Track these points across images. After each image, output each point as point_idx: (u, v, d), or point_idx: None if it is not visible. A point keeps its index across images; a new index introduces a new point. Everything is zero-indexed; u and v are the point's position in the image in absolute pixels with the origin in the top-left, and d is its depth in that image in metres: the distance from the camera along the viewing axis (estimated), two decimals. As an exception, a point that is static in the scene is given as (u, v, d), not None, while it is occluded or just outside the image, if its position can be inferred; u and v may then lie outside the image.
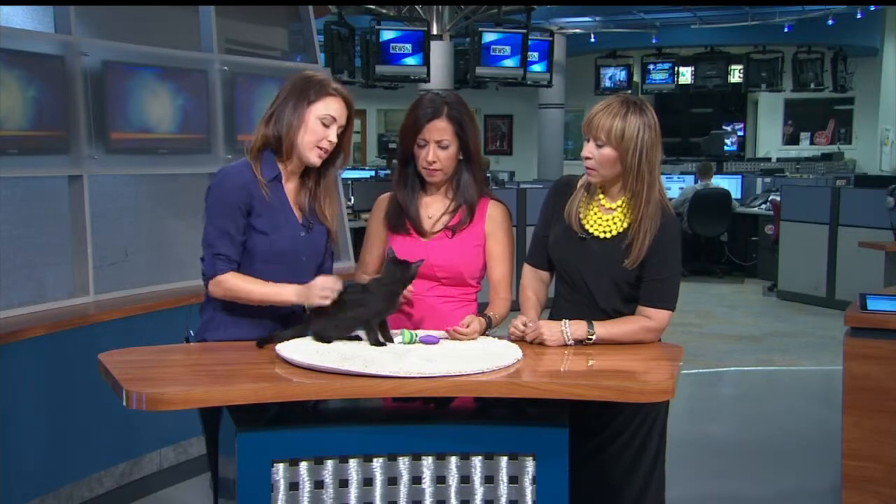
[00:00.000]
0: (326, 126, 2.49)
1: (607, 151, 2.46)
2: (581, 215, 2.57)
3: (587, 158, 2.50)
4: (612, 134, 2.44)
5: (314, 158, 2.51)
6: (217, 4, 4.62)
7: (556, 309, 2.65)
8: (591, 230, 2.55)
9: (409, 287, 2.49)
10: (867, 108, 15.36)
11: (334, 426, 2.19)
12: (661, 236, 2.49)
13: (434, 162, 2.63)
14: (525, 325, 2.49)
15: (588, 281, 2.55)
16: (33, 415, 3.47)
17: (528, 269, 2.71)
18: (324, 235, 2.62)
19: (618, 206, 2.54)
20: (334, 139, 2.52)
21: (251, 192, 2.47)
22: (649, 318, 2.51)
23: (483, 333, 2.49)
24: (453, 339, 2.44)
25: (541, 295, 2.68)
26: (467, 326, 2.44)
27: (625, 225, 2.52)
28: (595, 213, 2.56)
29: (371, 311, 2.37)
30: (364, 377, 2.08)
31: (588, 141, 2.50)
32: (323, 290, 2.38)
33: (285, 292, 2.45)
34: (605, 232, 2.54)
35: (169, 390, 2.07)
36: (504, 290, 2.68)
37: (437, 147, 2.62)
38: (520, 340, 2.47)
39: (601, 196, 2.57)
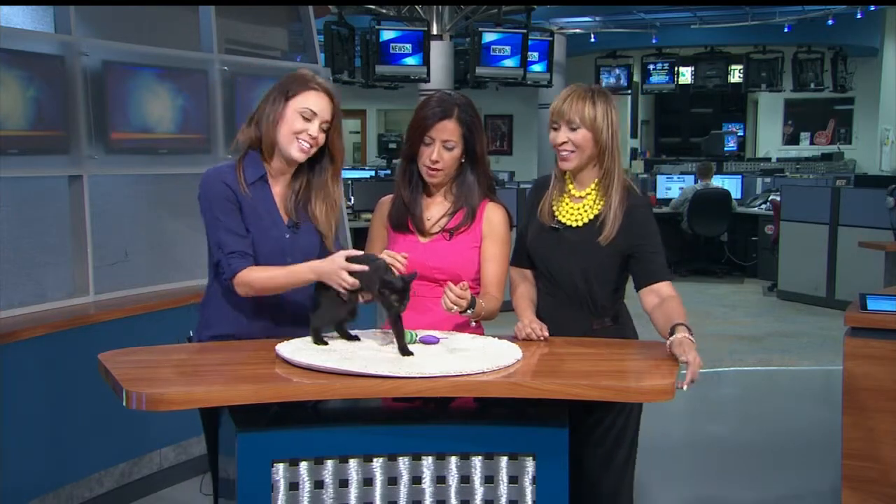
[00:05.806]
0: (307, 119, 2.46)
1: (583, 133, 2.54)
2: (553, 207, 2.64)
3: (563, 143, 2.55)
4: (585, 116, 2.52)
5: (295, 152, 2.48)
6: (217, 4, 4.62)
7: (538, 305, 2.67)
8: (563, 220, 2.61)
9: (400, 259, 2.39)
10: (867, 108, 15.36)
11: (334, 426, 2.19)
12: (636, 215, 2.56)
13: (437, 162, 2.62)
14: (542, 329, 2.50)
15: (565, 269, 2.60)
16: (33, 415, 3.47)
17: (513, 271, 2.74)
18: (313, 235, 2.57)
19: (587, 193, 2.61)
20: (315, 133, 2.47)
21: (235, 190, 2.47)
22: (669, 291, 2.55)
23: (464, 311, 2.44)
24: (447, 297, 2.39)
25: (531, 293, 2.70)
26: (463, 290, 2.40)
27: (595, 211, 2.59)
28: (566, 203, 2.63)
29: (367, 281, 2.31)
30: (364, 377, 2.08)
31: (559, 129, 2.56)
32: (343, 273, 2.31)
33: (300, 270, 2.40)
34: (576, 220, 2.60)
35: (169, 390, 2.07)
36: (495, 289, 2.65)
37: (443, 147, 2.61)
38: (526, 339, 2.49)
39: (570, 186, 2.64)
